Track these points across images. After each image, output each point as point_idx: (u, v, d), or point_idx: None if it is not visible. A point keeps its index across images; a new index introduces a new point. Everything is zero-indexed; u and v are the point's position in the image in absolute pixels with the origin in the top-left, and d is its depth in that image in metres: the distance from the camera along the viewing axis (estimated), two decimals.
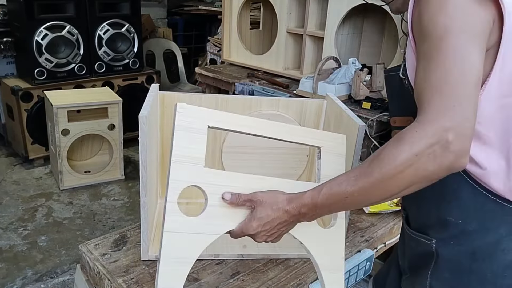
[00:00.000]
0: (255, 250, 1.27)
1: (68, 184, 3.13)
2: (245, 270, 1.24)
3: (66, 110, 2.91)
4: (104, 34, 3.54)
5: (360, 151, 1.17)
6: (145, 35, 4.67)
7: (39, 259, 2.42)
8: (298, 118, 1.45)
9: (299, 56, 3.00)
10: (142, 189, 1.16)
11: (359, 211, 1.59)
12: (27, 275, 2.29)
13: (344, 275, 1.29)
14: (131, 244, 1.29)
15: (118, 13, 3.62)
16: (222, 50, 3.44)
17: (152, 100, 1.24)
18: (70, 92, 3.29)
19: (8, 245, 2.52)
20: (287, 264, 1.27)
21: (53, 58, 3.32)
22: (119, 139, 3.18)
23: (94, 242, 1.32)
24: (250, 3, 3.28)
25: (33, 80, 3.29)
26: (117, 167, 3.26)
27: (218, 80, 3.10)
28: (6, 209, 2.88)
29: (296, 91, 2.59)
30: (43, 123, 3.22)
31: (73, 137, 2.99)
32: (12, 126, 3.49)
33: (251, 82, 2.89)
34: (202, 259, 1.25)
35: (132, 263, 1.23)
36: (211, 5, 5.39)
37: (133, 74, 3.82)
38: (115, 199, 3.08)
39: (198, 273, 1.21)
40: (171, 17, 5.59)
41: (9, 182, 3.23)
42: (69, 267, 2.36)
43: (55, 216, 2.83)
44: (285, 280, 1.21)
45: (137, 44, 3.76)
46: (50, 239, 2.59)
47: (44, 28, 3.23)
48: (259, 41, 3.51)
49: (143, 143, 1.11)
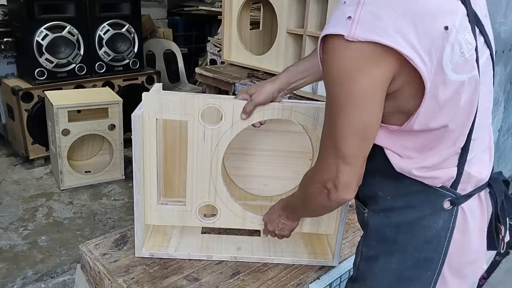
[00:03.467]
0: (249, 253, 1.28)
1: (69, 184, 3.13)
2: (245, 270, 1.24)
3: (67, 110, 2.91)
4: (105, 34, 3.54)
5: None
6: (145, 35, 4.67)
7: (39, 259, 2.42)
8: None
9: (299, 56, 3.00)
10: (136, 187, 1.17)
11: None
12: (28, 275, 2.30)
13: (344, 275, 1.29)
14: (131, 244, 1.30)
15: (118, 13, 3.62)
16: (222, 50, 3.45)
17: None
18: (70, 92, 3.29)
19: (9, 245, 2.52)
20: (287, 264, 1.27)
21: (53, 58, 3.32)
22: (120, 139, 3.18)
23: (95, 242, 1.32)
24: (250, 3, 3.28)
25: (34, 80, 3.29)
26: (117, 167, 3.26)
27: (218, 80, 3.10)
28: (7, 209, 2.88)
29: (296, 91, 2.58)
30: (43, 123, 3.22)
31: (73, 137, 2.99)
32: (13, 126, 3.49)
33: (251, 82, 2.89)
34: (202, 259, 1.26)
35: (132, 263, 1.23)
36: (211, 5, 5.39)
37: (134, 74, 3.82)
38: (115, 199, 3.08)
39: (198, 273, 1.21)
40: (171, 18, 5.59)
41: (9, 182, 3.24)
42: (70, 267, 2.36)
43: (56, 216, 2.83)
44: (285, 280, 1.22)
45: (137, 44, 3.76)
46: (51, 239, 2.59)
47: (44, 28, 3.23)
48: (259, 41, 3.51)
49: (136, 142, 1.12)
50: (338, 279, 1.27)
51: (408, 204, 0.95)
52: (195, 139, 1.14)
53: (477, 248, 1.00)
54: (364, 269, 1.04)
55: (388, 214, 0.97)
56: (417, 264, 0.97)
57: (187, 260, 1.26)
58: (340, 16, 0.79)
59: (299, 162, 1.40)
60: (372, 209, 1.01)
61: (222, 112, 1.11)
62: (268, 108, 1.12)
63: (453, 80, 0.82)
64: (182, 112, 1.11)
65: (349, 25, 0.76)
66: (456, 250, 0.96)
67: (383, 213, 0.98)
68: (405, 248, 0.96)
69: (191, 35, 5.83)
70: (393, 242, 0.97)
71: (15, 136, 3.51)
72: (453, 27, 0.78)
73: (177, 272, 1.21)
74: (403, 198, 0.96)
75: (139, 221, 1.21)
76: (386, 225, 0.98)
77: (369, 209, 1.01)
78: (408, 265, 0.97)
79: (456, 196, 0.93)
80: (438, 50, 0.78)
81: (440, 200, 0.93)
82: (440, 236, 0.95)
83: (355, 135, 0.83)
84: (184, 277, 1.19)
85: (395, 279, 0.99)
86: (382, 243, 0.99)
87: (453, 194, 0.93)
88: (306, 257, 1.29)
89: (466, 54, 0.81)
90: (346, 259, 1.33)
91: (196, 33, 5.83)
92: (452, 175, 0.93)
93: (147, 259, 1.25)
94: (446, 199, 0.93)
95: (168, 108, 1.11)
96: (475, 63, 0.84)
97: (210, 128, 1.13)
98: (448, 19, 0.78)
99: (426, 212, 0.94)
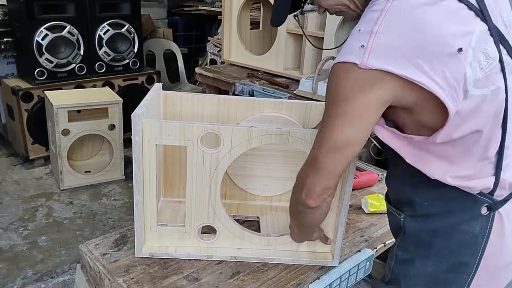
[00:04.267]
0: (249, 253, 1.28)
1: (69, 184, 3.13)
2: (245, 270, 1.24)
3: (67, 110, 2.91)
4: (105, 34, 3.54)
5: None
6: (145, 35, 4.67)
7: (39, 259, 2.42)
8: (301, 120, 1.45)
9: (299, 56, 3.00)
10: (136, 187, 1.17)
11: (359, 210, 1.59)
12: (28, 275, 2.30)
13: (344, 275, 1.29)
14: (131, 244, 1.30)
15: (118, 13, 3.62)
16: (222, 50, 3.45)
17: (151, 100, 1.25)
18: (70, 92, 3.29)
19: (9, 245, 2.52)
20: (287, 264, 1.27)
21: (53, 58, 3.32)
22: (120, 139, 3.18)
23: (95, 242, 1.32)
24: (250, 3, 3.28)
25: (34, 80, 3.30)
26: (117, 167, 3.27)
27: (218, 80, 3.10)
28: (7, 209, 2.88)
29: (296, 91, 2.59)
30: (43, 123, 3.23)
31: (73, 137, 2.99)
32: (13, 126, 3.49)
33: (251, 82, 2.89)
34: (202, 259, 1.26)
35: (132, 263, 1.23)
36: (211, 5, 5.39)
37: (133, 74, 3.82)
38: (115, 199, 3.08)
39: (198, 273, 1.21)
40: (171, 18, 5.59)
41: (9, 182, 3.24)
42: (70, 267, 2.36)
43: (56, 216, 2.83)
44: (285, 280, 1.22)
45: (137, 44, 3.76)
46: (51, 239, 2.60)
47: (44, 28, 3.23)
48: (259, 41, 3.50)
49: (135, 141, 1.12)
50: (338, 279, 1.27)
51: (445, 209, 0.97)
52: (194, 164, 1.16)
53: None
54: (398, 272, 1.05)
55: (425, 219, 0.99)
56: (453, 268, 0.98)
57: (187, 260, 1.26)
58: (354, 45, 0.82)
59: (299, 162, 1.39)
60: (409, 215, 1.02)
61: (221, 137, 1.13)
62: (267, 134, 1.14)
63: (475, 95, 0.83)
64: (181, 138, 1.13)
65: (362, 54, 0.80)
66: (492, 254, 0.97)
67: (420, 218, 1.00)
68: (441, 252, 0.98)
69: (191, 35, 5.83)
70: (429, 246, 0.99)
71: (15, 136, 3.51)
72: (468, 47, 0.80)
73: (177, 272, 1.21)
74: (440, 203, 0.97)
75: (139, 221, 1.21)
76: (423, 229, 1.00)
77: (406, 215, 1.02)
78: (443, 268, 0.99)
79: (493, 202, 0.94)
80: (457, 72, 0.80)
81: (478, 206, 0.95)
82: (477, 241, 0.96)
83: (332, 151, 0.88)
84: (184, 277, 1.19)
85: (430, 282, 1.01)
86: (418, 247, 1.01)
87: (491, 200, 0.94)
88: (306, 257, 1.29)
89: (486, 69, 0.83)
90: (346, 259, 1.33)
91: (196, 33, 5.83)
92: (489, 185, 0.94)
93: (147, 259, 1.25)
94: (484, 205, 0.95)
95: (168, 133, 1.12)
96: (501, 74, 0.86)
97: (209, 153, 1.15)
98: (462, 41, 0.80)
99: (463, 218, 0.96)
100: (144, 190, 1.18)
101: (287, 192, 1.53)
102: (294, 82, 2.84)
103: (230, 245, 1.28)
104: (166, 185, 1.52)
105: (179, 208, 1.47)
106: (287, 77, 2.97)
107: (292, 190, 1.03)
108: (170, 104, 1.43)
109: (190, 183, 1.19)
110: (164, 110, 1.43)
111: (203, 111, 1.43)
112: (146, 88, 3.80)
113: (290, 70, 3.06)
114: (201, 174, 1.18)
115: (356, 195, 1.67)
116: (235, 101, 1.44)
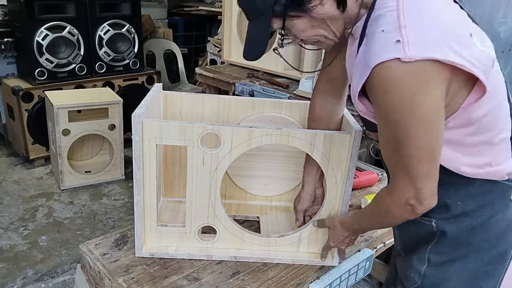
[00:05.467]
0: (249, 253, 1.28)
1: (69, 184, 3.13)
2: (245, 270, 1.24)
3: (67, 110, 2.91)
4: (105, 34, 3.54)
5: (357, 156, 1.18)
6: (146, 35, 4.67)
7: (39, 258, 2.43)
8: (301, 120, 1.45)
9: (299, 56, 2.99)
10: (136, 187, 1.17)
11: None
12: (28, 274, 2.30)
13: (344, 275, 1.30)
14: (131, 244, 1.30)
15: (118, 13, 3.62)
16: (222, 50, 3.45)
17: (151, 100, 1.25)
18: (70, 92, 3.30)
19: (9, 245, 2.52)
20: (287, 264, 1.28)
21: (53, 59, 3.32)
22: (120, 139, 3.18)
23: (95, 241, 1.32)
24: None
25: (34, 80, 3.30)
26: (117, 167, 3.27)
27: (218, 80, 3.11)
28: (7, 209, 2.88)
29: (296, 91, 2.59)
30: (43, 123, 3.23)
31: (73, 137, 3.00)
32: (13, 126, 3.49)
33: (251, 82, 2.89)
34: (202, 259, 1.26)
35: (132, 263, 1.23)
36: (211, 5, 5.40)
37: (134, 75, 3.82)
38: (115, 199, 3.08)
39: (198, 273, 1.21)
40: (171, 18, 5.59)
41: (9, 182, 3.24)
42: (70, 266, 2.37)
43: (56, 216, 2.84)
44: (285, 280, 1.22)
45: (138, 44, 3.77)
46: (51, 239, 2.60)
47: (44, 28, 3.23)
48: None
49: (136, 141, 1.12)
50: (338, 279, 1.27)
51: (479, 204, 0.98)
52: (194, 164, 1.17)
53: None
54: (434, 276, 1.05)
55: (461, 219, 1.00)
56: (493, 259, 1.01)
57: (187, 260, 1.26)
58: (386, 43, 0.79)
59: (299, 162, 1.40)
60: (442, 218, 1.01)
61: (221, 138, 1.13)
62: (267, 134, 1.14)
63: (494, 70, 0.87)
64: (181, 138, 1.13)
65: (401, 48, 0.77)
66: None
67: (454, 219, 1.00)
68: (481, 247, 1.00)
69: (191, 35, 5.83)
70: (468, 244, 1.00)
71: (15, 136, 3.51)
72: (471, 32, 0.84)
73: (177, 272, 1.21)
74: (473, 200, 0.98)
75: (139, 221, 1.21)
76: (460, 230, 1.00)
77: (437, 219, 1.02)
78: (484, 262, 1.00)
79: None
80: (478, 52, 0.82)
81: (508, 193, 0.98)
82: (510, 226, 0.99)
83: (425, 158, 0.85)
84: (184, 277, 1.20)
85: (472, 278, 1.02)
86: (456, 247, 1.01)
87: None
88: (306, 257, 1.29)
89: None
90: (346, 258, 1.33)
91: (196, 33, 5.84)
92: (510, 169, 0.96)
93: (147, 259, 1.25)
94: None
95: (168, 134, 1.13)
96: None
97: (209, 153, 1.15)
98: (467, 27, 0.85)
99: (497, 208, 0.98)
100: (144, 190, 1.18)
101: (287, 192, 1.53)
102: (294, 82, 2.84)
103: (230, 246, 1.28)
104: (166, 185, 1.52)
105: (179, 208, 1.47)
106: (287, 77, 2.98)
107: (388, 211, 0.97)
108: (170, 104, 1.43)
109: (190, 183, 1.19)
110: (164, 110, 1.43)
111: (203, 111, 1.44)
112: (146, 88, 3.80)
113: (290, 70, 3.06)
114: (201, 174, 1.18)
115: (356, 195, 1.67)
116: (235, 101, 1.44)
